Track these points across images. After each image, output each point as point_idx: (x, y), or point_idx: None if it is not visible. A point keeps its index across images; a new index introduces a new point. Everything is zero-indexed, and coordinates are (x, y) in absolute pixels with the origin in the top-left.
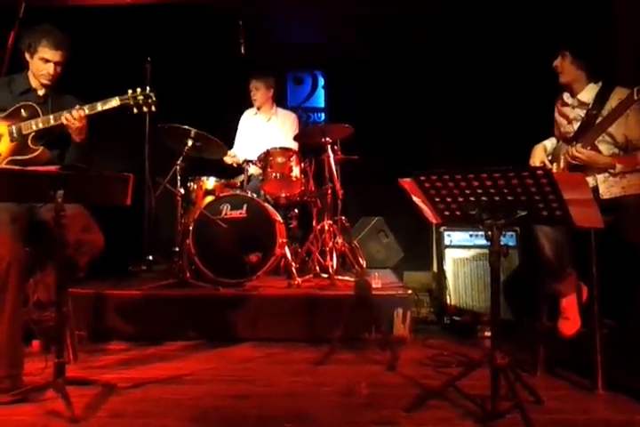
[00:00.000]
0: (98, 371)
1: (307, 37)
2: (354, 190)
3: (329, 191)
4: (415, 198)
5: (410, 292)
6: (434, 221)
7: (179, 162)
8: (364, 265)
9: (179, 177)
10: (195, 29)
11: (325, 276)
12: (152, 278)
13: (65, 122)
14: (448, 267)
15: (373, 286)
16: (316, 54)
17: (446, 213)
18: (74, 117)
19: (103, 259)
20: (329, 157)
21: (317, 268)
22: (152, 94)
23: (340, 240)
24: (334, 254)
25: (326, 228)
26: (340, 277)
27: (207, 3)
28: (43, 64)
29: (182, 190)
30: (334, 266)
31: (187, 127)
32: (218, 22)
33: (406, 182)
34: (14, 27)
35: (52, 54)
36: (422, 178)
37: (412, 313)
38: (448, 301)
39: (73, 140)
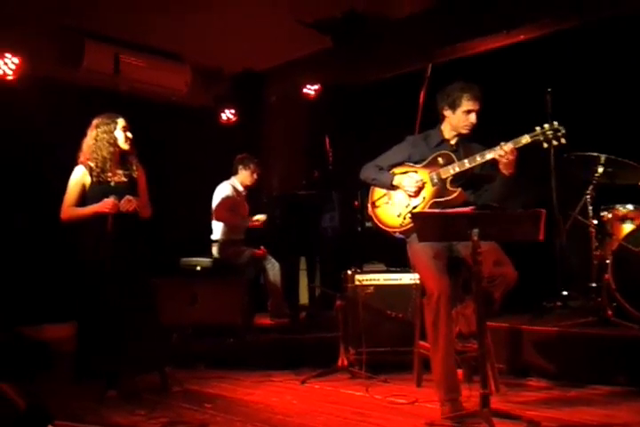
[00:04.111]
0: (519, 406)
1: None
2: None
3: None
4: None
5: None
6: None
7: (588, 191)
8: None
9: (590, 207)
10: (596, 51)
11: None
12: (568, 315)
13: (497, 157)
14: None
15: None
16: None
17: None
18: (506, 152)
19: (517, 293)
20: None
21: None
22: (561, 128)
23: None
24: None
25: None
26: None
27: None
28: (465, 116)
29: (595, 221)
30: None
31: (595, 154)
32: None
33: None
34: (423, 87)
35: (473, 105)
36: None
37: None
38: None
39: (502, 175)
